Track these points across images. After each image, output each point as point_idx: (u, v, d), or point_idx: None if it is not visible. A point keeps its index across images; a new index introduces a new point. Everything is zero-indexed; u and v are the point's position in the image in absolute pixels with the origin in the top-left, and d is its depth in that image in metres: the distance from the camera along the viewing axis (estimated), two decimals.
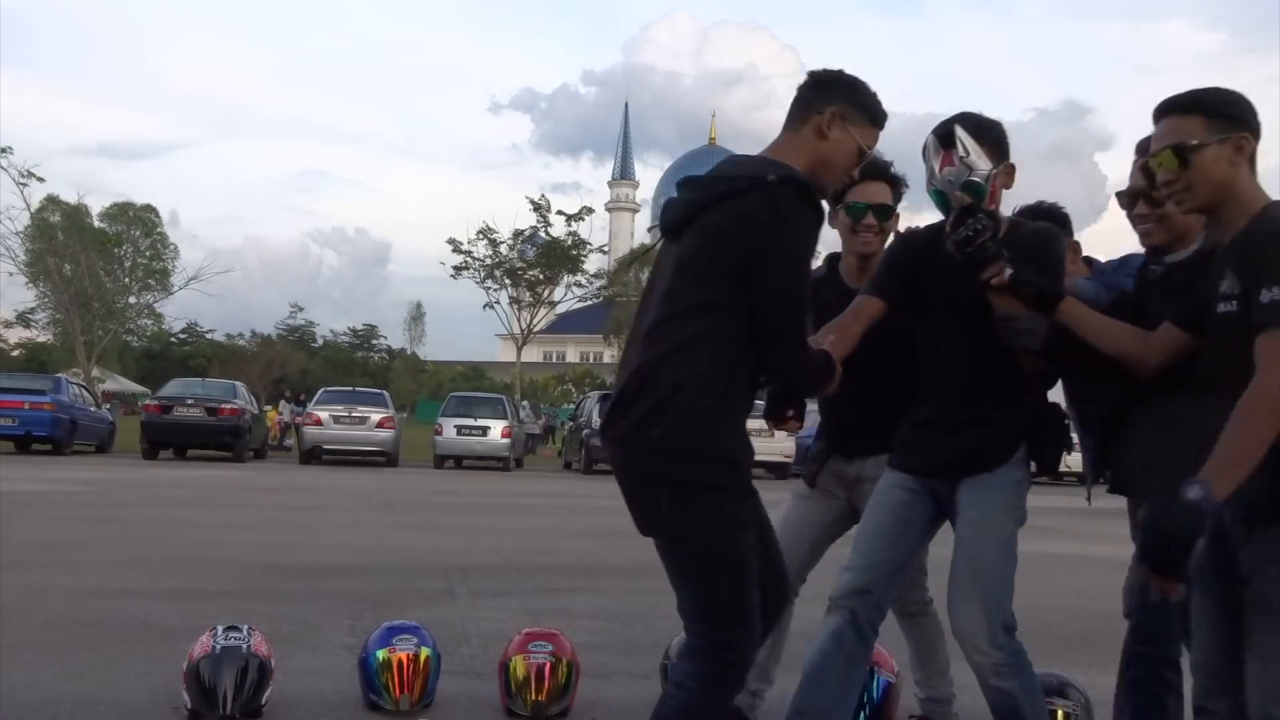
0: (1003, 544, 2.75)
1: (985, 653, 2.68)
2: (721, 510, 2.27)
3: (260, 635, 3.66)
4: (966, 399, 2.75)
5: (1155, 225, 2.74)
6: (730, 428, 2.28)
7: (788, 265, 2.25)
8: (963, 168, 2.64)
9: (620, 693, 4.04)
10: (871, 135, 2.49)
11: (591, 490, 15.72)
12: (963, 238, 2.57)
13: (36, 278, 42.34)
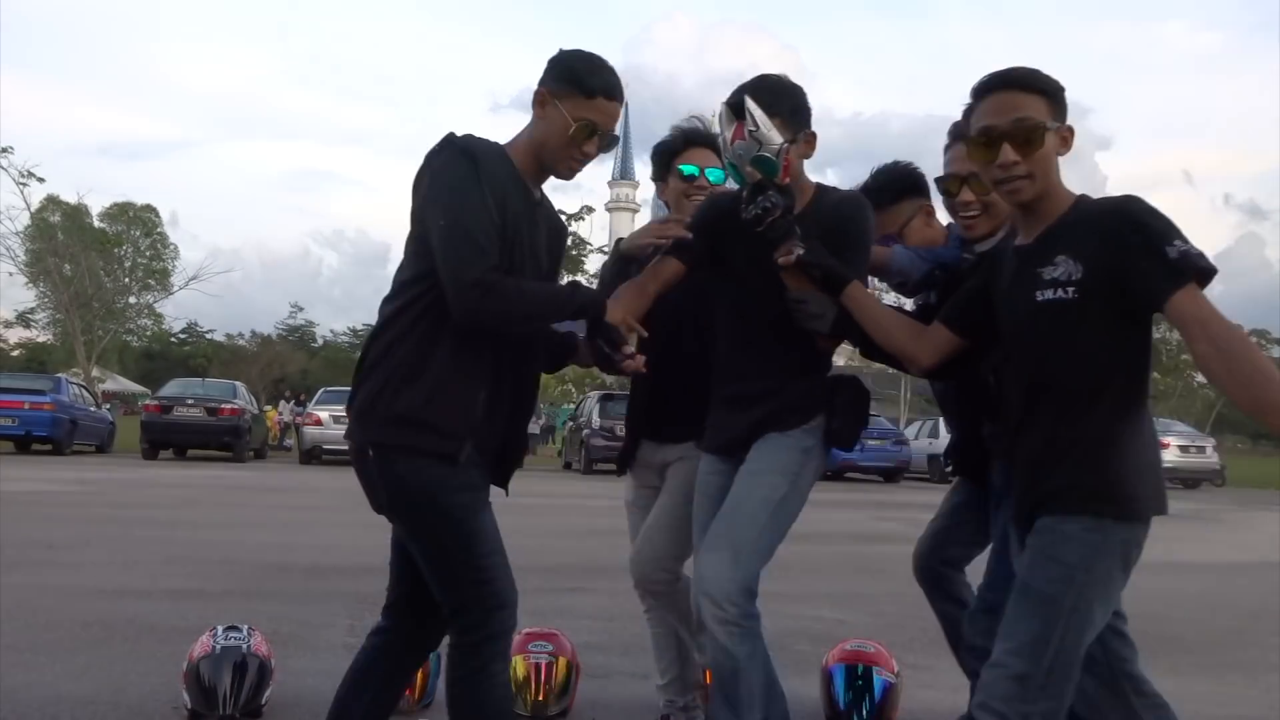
0: (769, 502, 2.59)
1: (720, 605, 2.51)
2: (424, 473, 2.32)
3: (260, 635, 3.66)
4: (764, 373, 2.68)
5: (981, 215, 2.70)
6: (433, 394, 2.31)
7: (438, 208, 2.29)
8: (752, 141, 2.49)
9: (620, 693, 4.04)
10: (589, 108, 2.37)
11: (591, 490, 15.72)
12: (752, 215, 2.50)
13: (36, 278, 42.34)
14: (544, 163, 2.44)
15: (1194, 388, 45.44)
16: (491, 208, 2.30)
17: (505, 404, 2.44)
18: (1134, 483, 2.09)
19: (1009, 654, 2.07)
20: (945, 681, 4.43)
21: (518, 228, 2.38)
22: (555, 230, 2.60)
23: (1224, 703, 4.31)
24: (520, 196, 2.41)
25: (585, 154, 2.43)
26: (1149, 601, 6.82)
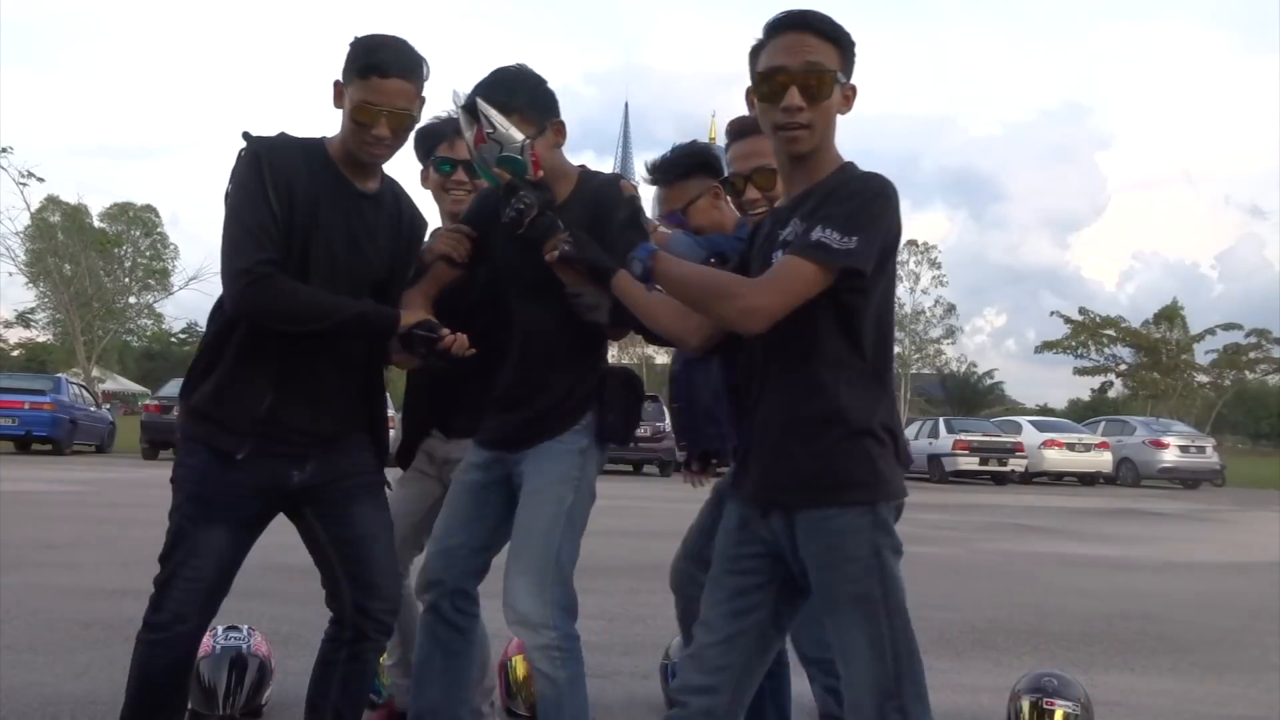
0: (559, 516, 2.57)
1: (537, 631, 2.52)
2: (182, 464, 2.46)
3: (260, 635, 3.66)
4: (532, 370, 2.62)
5: (767, 211, 2.60)
6: (220, 390, 2.41)
7: (226, 205, 2.39)
8: (493, 143, 2.44)
9: (620, 693, 4.04)
10: (368, 89, 2.34)
11: None
12: (509, 219, 2.45)
13: (36, 278, 42.33)
14: (351, 151, 2.42)
15: (1194, 388, 45.42)
16: (271, 200, 2.33)
17: (305, 402, 2.45)
18: (879, 461, 2.01)
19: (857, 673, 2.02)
20: (945, 681, 4.44)
21: (313, 216, 2.39)
22: (407, 224, 2.59)
23: (1224, 703, 4.31)
24: (328, 187, 2.41)
25: (376, 137, 2.38)
26: (1149, 601, 6.83)
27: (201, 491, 2.42)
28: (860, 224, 1.97)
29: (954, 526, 11.95)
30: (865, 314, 2.05)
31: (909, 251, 44.92)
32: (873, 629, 1.98)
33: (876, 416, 2.04)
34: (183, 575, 2.43)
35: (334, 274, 2.44)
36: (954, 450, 22.30)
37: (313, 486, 2.50)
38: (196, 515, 2.42)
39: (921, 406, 44.98)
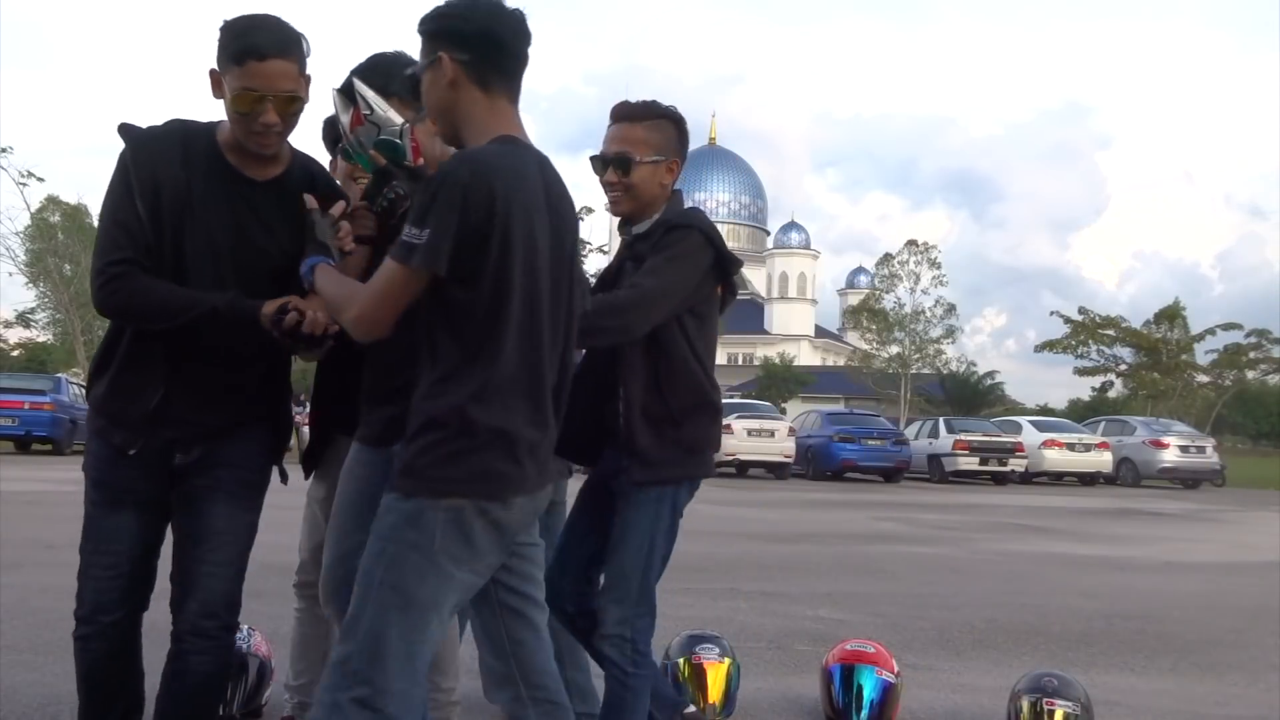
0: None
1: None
2: (87, 452, 2.48)
3: (260, 635, 3.66)
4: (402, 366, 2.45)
5: (623, 195, 2.74)
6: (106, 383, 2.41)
7: None
8: (371, 126, 2.34)
9: None
10: (246, 75, 2.21)
11: None
12: (382, 208, 2.39)
13: (36, 278, 42.34)
14: (240, 139, 2.32)
15: (1194, 388, 45.42)
16: (135, 196, 2.28)
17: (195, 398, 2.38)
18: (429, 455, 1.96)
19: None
20: (945, 681, 4.44)
21: (186, 208, 2.29)
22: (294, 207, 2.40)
23: (1224, 703, 4.31)
24: (208, 176, 2.31)
25: (265, 125, 2.26)
26: (1149, 601, 6.83)
27: (102, 478, 2.43)
28: (428, 214, 1.93)
29: (954, 526, 11.95)
30: (470, 307, 1.97)
31: (909, 251, 44.90)
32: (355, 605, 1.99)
33: (450, 409, 1.96)
34: (97, 564, 2.43)
35: (217, 267, 2.33)
36: (954, 450, 22.31)
37: (188, 466, 2.42)
38: (100, 501, 2.43)
39: (921, 406, 44.94)
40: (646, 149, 2.70)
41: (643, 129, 2.71)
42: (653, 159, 2.70)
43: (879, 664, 3.69)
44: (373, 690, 1.93)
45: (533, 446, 2.03)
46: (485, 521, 1.98)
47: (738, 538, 9.54)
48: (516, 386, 2.00)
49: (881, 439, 21.92)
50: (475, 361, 1.98)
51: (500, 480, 1.98)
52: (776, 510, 13.42)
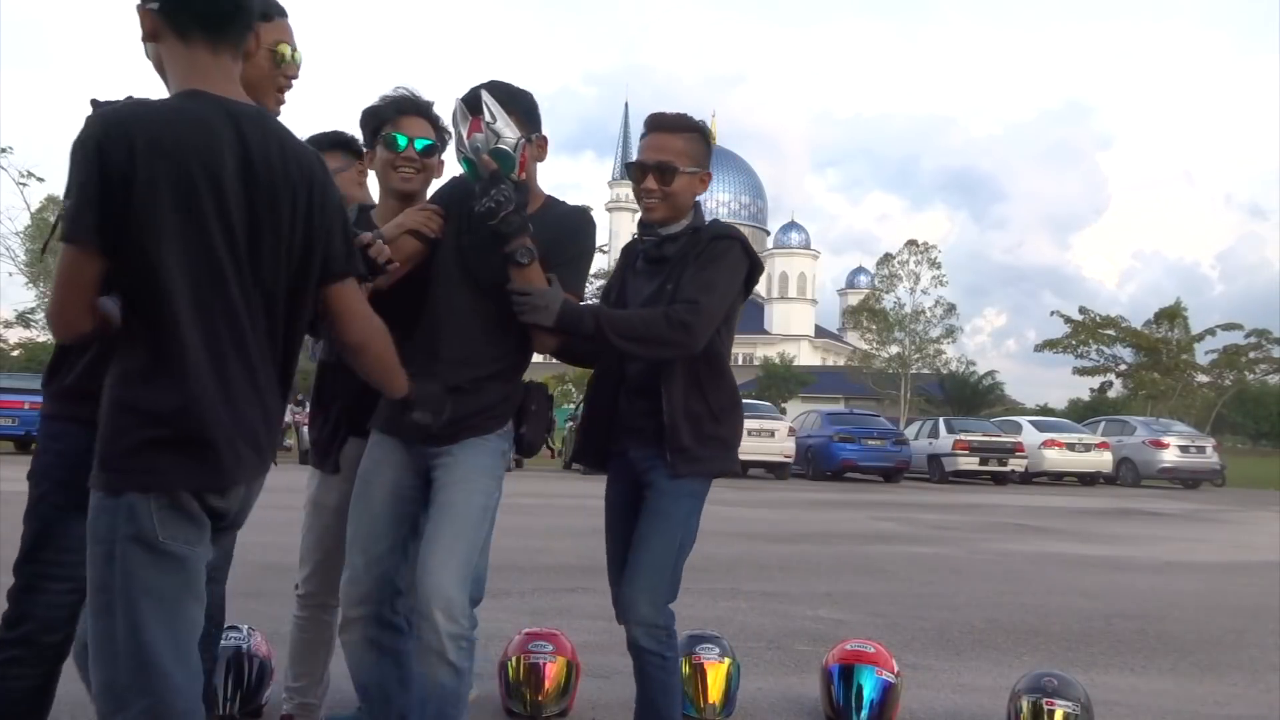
0: (486, 510, 2.63)
1: (455, 620, 2.49)
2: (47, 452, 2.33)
3: (260, 635, 3.66)
4: (463, 365, 2.62)
5: (660, 202, 2.81)
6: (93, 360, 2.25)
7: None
8: (490, 134, 2.53)
9: (620, 693, 4.04)
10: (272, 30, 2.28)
11: (592, 490, 15.66)
12: (486, 209, 2.51)
13: (36, 278, 42.34)
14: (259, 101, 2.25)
15: (1194, 388, 45.42)
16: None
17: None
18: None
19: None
20: (945, 681, 4.44)
21: None
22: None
23: (1224, 702, 4.31)
24: None
25: (289, 78, 2.38)
26: (1149, 601, 6.83)
27: (74, 478, 2.07)
28: (69, 183, 1.82)
29: (954, 526, 11.95)
30: (131, 275, 1.83)
31: (909, 251, 44.91)
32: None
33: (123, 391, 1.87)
34: (51, 576, 2.20)
35: None
36: (954, 450, 22.31)
37: None
38: (68, 504, 2.17)
39: (921, 406, 44.94)
40: (686, 160, 2.81)
41: (681, 140, 2.82)
42: (691, 170, 2.82)
43: (879, 664, 3.69)
44: (154, 699, 1.83)
45: (228, 428, 1.88)
46: (199, 506, 1.90)
47: (738, 538, 9.54)
48: (195, 361, 1.84)
49: (881, 439, 21.91)
50: (140, 338, 1.85)
51: (186, 471, 1.84)
52: (776, 510, 13.41)
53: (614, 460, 2.93)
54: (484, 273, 2.64)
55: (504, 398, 2.69)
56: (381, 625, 2.69)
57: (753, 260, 2.87)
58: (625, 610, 2.78)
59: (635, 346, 2.70)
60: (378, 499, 2.67)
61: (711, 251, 2.77)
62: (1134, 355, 44.61)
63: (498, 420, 2.68)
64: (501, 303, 2.61)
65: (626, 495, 2.90)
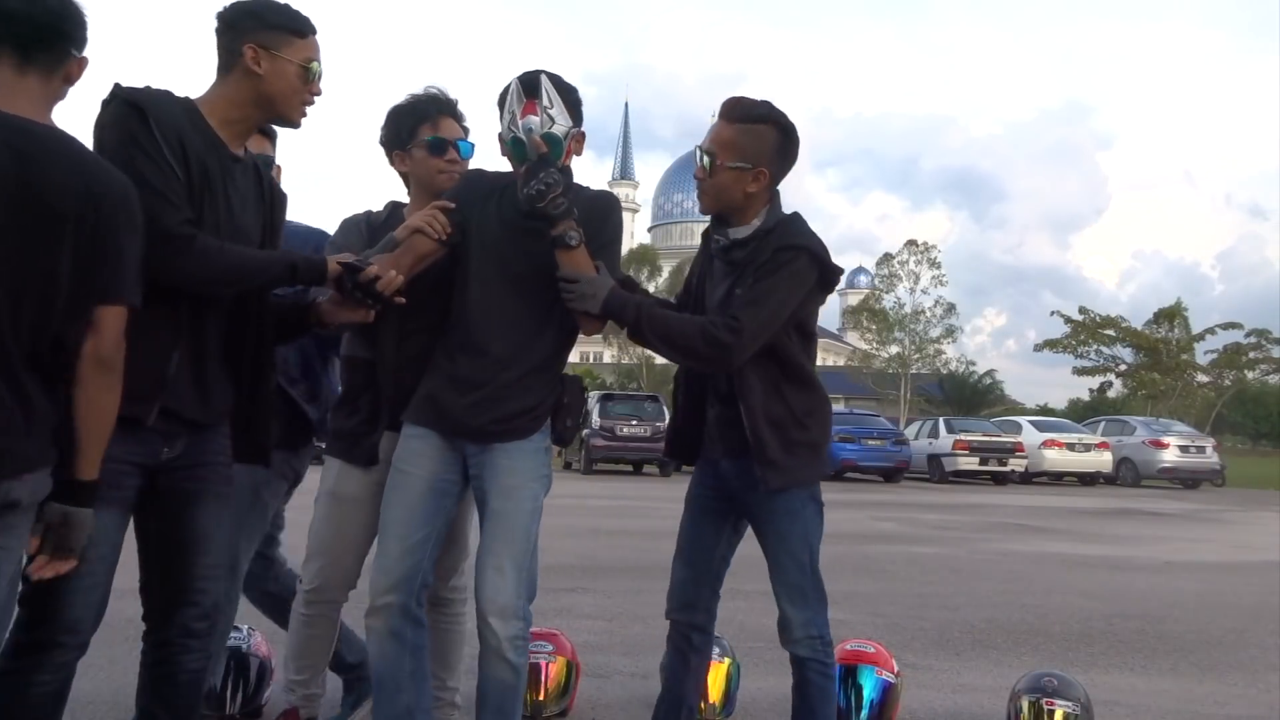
0: (535, 513, 2.70)
1: (509, 622, 2.61)
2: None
3: (260, 635, 3.66)
4: (506, 356, 2.65)
5: (702, 192, 2.78)
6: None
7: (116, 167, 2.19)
8: (546, 118, 2.56)
9: (620, 693, 4.04)
10: (305, 47, 2.37)
11: (591, 490, 15.73)
12: (535, 191, 2.50)
13: None
14: (275, 113, 2.41)
15: (1194, 388, 45.38)
16: (170, 159, 2.22)
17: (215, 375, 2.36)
18: None
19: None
20: (945, 681, 4.44)
21: (208, 179, 2.29)
22: (271, 196, 2.50)
23: (1224, 702, 4.31)
24: (212, 150, 2.32)
25: (314, 93, 2.42)
26: (1149, 601, 6.83)
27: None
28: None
29: (954, 526, 11.95)
30: None
31: (909, 251, 44.88)
32: None
33: None
34: (71, 574, 2.14)
35: (223, 239, 2.30)
36: (954, 450, 22.30)
37: (170, 464, 2.30)
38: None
39: (921, 406, 44.90)
40: (733, 153, 2.68)
41: (735, 130, 2.70)
42: (736, 165, 2.68)
43: (879, 664, 3.69)
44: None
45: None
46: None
47: None
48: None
49: (881, 439, 21.90)
50: None
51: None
52: None
53: (704, 463, 2.92)
54: (522, 263, 2.64)
55: (546, 395, 2.70)
56: (405, 617, 2.70)
57: (823, 266, 2.72)
58: (781, 629, 2.84)
59: (670, 351, 2.69)
60: (416, 490, 2.69)
61: (774, 263, 2.66)
62: (1134, 355, 44.57)
63: (539, 420, 2.70)
64: (541, 295, 2.63)
65: (714, 503, 2.90)
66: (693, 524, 2.94)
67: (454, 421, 2.67)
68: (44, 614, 2.17)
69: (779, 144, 2.72)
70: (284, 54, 2.34)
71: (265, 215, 2.47)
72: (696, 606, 2.93)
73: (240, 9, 2.37)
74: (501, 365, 2.65)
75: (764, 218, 2.75)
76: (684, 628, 2.94)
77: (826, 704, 2.80)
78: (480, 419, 2.65)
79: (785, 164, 2.75)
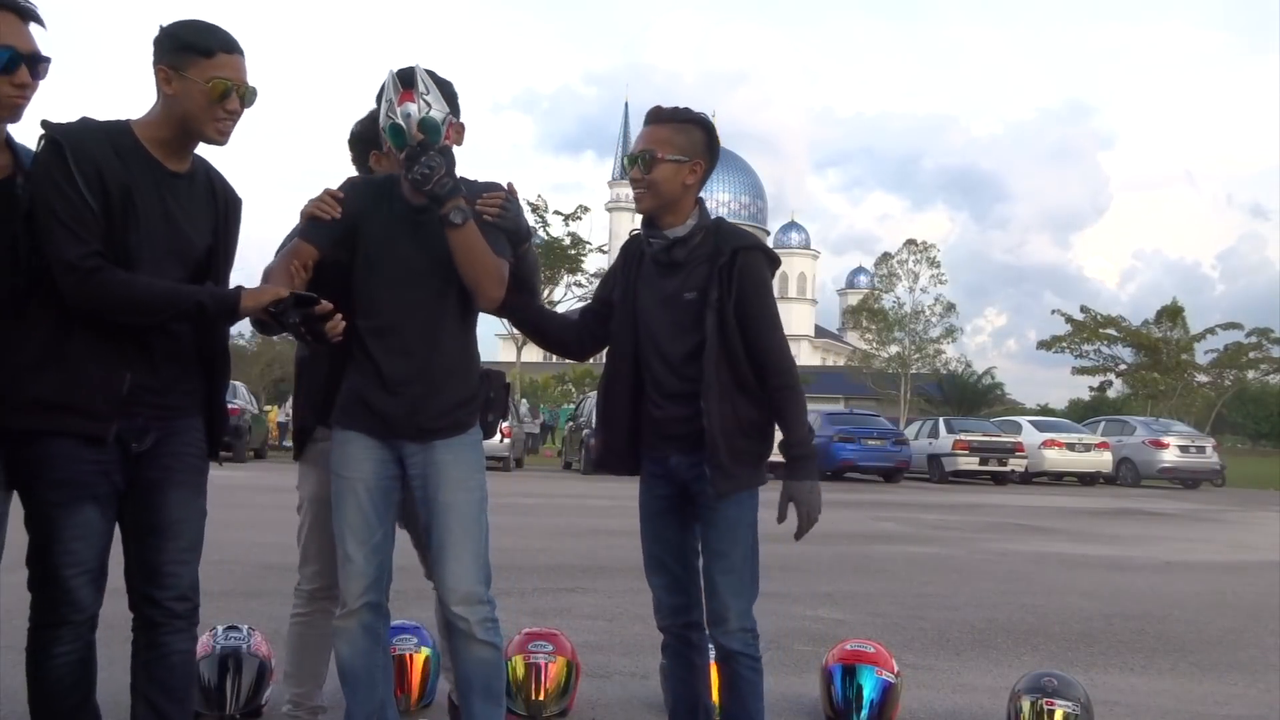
0: (482, 503, 2.81)
1: (476, 607, 2.74)
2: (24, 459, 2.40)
3: (260, 635, 3.66)
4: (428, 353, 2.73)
5: (645, 191, 2.84)
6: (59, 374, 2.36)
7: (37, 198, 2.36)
8: (423, 103, 2.64)
9: (620, 693, 4.04)
10: (212, 66, 2.42)
11: (591, 490, 15.72)
12: (420, 175, 2.59)
13: None
14: (192, 132, 2.48)
15: (1194, 387, 45.38)
16: (83, 190, 2.32)
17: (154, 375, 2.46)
18: None
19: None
20: (945, 681, 4.44)
21: (129, 201, 2.38)
22: (222, 202, 2.60)
23: (1224, 702, 4.31)
24: (146, 170, 2.43)
25: (230, 111, 2.47)
26: (1149, 601, 6.83)
27: (65, 476, 2.38)
28: None
29: (954, 526, 11.95)
30: None
31: (908, 251, 44.88)
32: None
33: None
34: (65, 564, 2.39)
35: (158, 258, 2.43)
36: (954, 450, 22.30)
37: (140, 456, 2.47)
38: (63, 501, 2.38)
39: (921, 406, 44.90)
40: (670, 148, 2.80)
41: (668, 130, 2.83)
42: (675, 158, 2.80)
43: (879, 664, 3.69)
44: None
45: None
46: None
47: None
48: None
49: (881, 439, 21.90)
50: None
51: None
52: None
53: (651, 464, 2.93)
54: (423, 257, 2.71)
55: (475, 386, 2.82)
56: (378, 613, 2.81)
57: (773, 263, 2.89)
58: (716, 621, 2.84)
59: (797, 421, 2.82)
60: (363, 492, 2.76)
61: (750, 275, 2.78)
62: (1134, 355, 44.56)
63: (474, 413, 2.82)
64: (445, 285, 2.71)
65: (670, 500, 2.92)
66: (655, 534, 2.95)
67: (391, 423, 2.73)
68: (50, 601, 2.41)
69: (706, 140, 2.86)
70: (189, 74, 2.41)
71: (218, 222, 2.58)
72: (687, 608, 2.94)
73: (162, 32, 2.47)
74: (427, 360, 2.73)
75: (697, 216, 2.85)
76: (679, 630, 2.94)
77: (757, 699, 2.84)
78: (418, 417, 2.72)
79: (713, 159, 2.89)
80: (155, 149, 2.46)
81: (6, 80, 2.27)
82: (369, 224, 2.74)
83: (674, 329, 2.80)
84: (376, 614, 2.80)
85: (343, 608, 2.80)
